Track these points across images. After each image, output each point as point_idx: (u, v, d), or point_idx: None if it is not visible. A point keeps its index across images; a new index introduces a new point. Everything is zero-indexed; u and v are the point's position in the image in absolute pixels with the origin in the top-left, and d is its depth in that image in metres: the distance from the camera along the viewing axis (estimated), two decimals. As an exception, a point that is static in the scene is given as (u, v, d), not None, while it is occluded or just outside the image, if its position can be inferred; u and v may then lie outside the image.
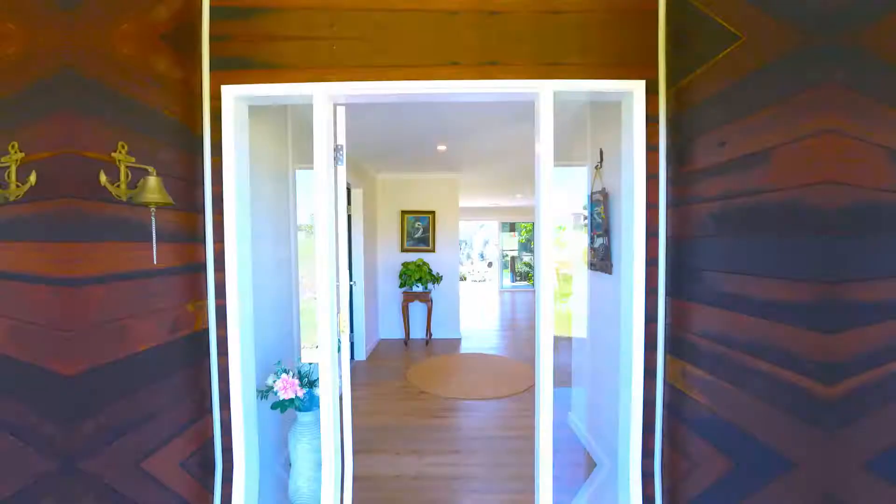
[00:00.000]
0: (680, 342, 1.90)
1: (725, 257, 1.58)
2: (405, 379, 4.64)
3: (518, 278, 14.82)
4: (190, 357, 1.88)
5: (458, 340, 6.49)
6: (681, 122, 1.88)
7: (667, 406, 1.99)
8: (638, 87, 1.92)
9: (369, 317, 5.80)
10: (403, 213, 6.54)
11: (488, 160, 5.50)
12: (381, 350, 5.93)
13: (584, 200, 3.39)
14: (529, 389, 4.28)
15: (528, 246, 14.82)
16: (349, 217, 5.41)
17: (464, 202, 10.29)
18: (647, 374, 2.00)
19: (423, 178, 6.48)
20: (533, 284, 13.58)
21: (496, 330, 7.45)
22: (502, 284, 13.73)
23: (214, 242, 1.97)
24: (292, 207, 3.04)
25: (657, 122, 1.96)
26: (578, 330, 3.87)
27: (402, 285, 6.21)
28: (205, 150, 1.95)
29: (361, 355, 5.44)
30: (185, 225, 1.85)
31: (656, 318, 1.99)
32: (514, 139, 4.30)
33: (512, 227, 15.07)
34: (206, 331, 1.98)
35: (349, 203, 5.41)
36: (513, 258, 14.95)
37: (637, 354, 1.98)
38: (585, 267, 3.56)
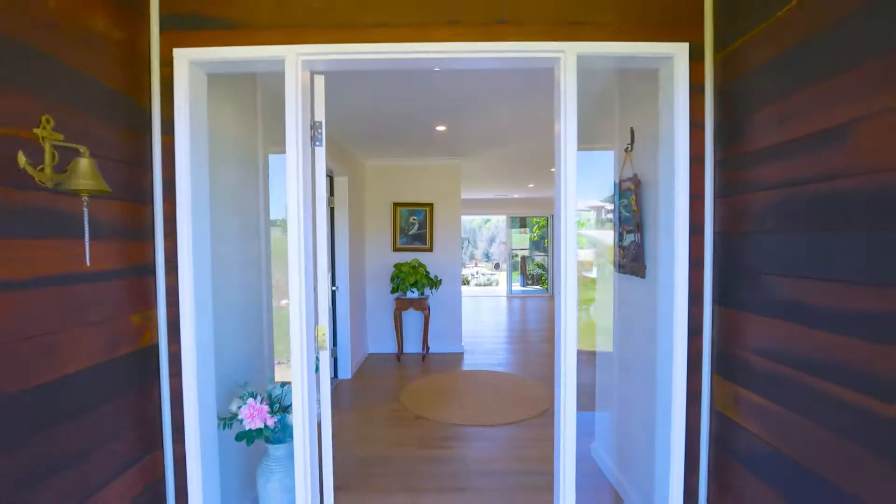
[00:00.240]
0: (730, 361, 1.81)
1: (789, 257, 1.49)
2: (398, 401, 4.56)
3: (529, 281, 14.77)
4: (135, 379, 1.80)
5: (460, 355, 6.42)
6: (732, 94, 1.79)
7: (714, 438, 1.91)
8: (680, 51, 1.83)
9: (356, 327, 5.72)
10: (396, 205, 6.46)
11: (496, 143, 5.42)
12: (369, 367, 5.85)
13: (609, 191, 3.30)
14: (545, 414, 4.20)
15: (540, 244, 14.76)
16: (332, 210, 5.33)
17: (466, 193, 10.22)
18: (690, 398, 1.92)
19: (420, 164, 6.40)
20: (547, 289, 13.53)
21: (504, 343, 7.38)
22: (511, 289, 13.68)
23: (165, 239, 1.88)
24: (263, 199, 2.95)
25: (702, 93, 1.87)
26: (603, 343, 3.78)
27: (394, 290, 6.13)
28: (154, 128, 1.86)
29: (347, 373, 5.36)
30: (128, 218, 1.76)
31: (701, 332, 1.90)
32: (528, 117, 4.22)
33: (522, 223, 15.02)
34: (156, 347, 1.90)
35: (332, 193, 5.33)
36: (523, 258, 14.90)
37: (678, 375, 1.89)
38: (611, 269, 3.47)
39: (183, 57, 1.83)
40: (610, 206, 3.57)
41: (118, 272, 1.70)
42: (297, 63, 1.84)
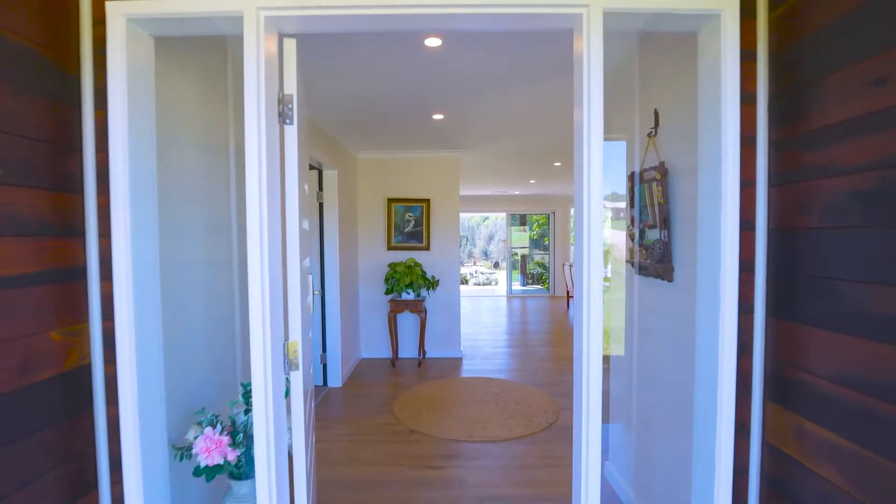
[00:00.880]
0: (789, 386, 1.49)
1: (878, 260, 1.17)
2: (391, 413, 4.24)
3: (529, 281, 14.48)
4: (59, 409, 1.46)
5: (459, 360, 6.10)
6: (792, 58, 1.47)
7: (767, 479, 1.59)
8: (729, 7, 1.51)
9: (347, 331, 5.39)
10: (390, 201, 6.13)
11: (496, 134, 5.09)
12: (361, 373, 5.53)
13: (612, 187, 3.02)
14: (551, 427, 3.89)
15: (540, 243, 14.46)
16: (320, 206, 5.00)
17: (465, 190, 9.90)
18: (738, 428, 1.60)
19: (415, 157, 6.08)
20: (548, 288, 13.24)
21: (504, 346, 7.06)
22: (511, 288, 13.37)
23: (100, 238, 1.55)
24: (236, 192, 2.61)
25: (754, 59, 1.55)
26: (615, 347, 3.47)
27: (388, 291, 5.81)
28: (84, 101, 1.53)
29: (337, 381, 5.03)
30: (47, 211, 1.43)
31: (751, 349, 1.59)
32: (532, 106, 3.89)
33: (522, 221, 14.70)
34: (88, 368, 1.57)
35: (320, 188, 4.99)
36: (523, 257, 14.60)
37: (725, 401, 1.57)
38: (616, 268, 3.18)
39: (118, 13, 1.49)
40: (611, 204, 3.29)
41: (31, 278, 1.36)
42: (259, 21, 1.50)
